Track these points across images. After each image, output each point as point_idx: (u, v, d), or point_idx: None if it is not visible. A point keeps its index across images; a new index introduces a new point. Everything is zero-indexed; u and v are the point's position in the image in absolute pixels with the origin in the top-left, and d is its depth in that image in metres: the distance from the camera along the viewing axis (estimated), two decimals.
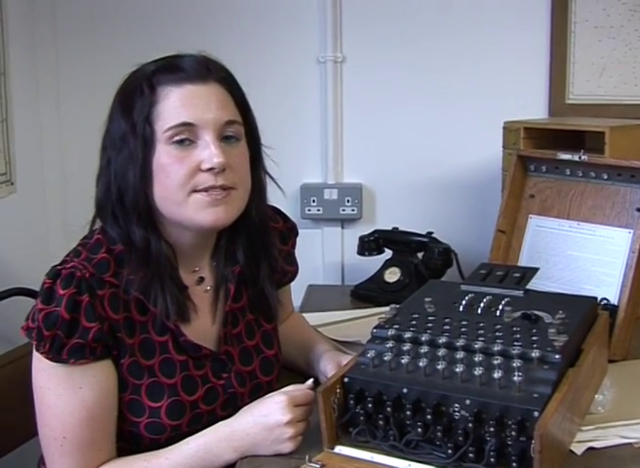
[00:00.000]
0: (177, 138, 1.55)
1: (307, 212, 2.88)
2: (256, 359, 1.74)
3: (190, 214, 1.57)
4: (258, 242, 1.72)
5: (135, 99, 1.57)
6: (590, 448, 1.50)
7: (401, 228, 2.61)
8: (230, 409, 1.65)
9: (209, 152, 1.56)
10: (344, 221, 2.92)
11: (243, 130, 1.64)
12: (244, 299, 1.74)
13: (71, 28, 2.85)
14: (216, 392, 1.65)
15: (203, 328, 1.67)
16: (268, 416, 1.51)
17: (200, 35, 2.81)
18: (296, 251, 1.94)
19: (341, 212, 2.87)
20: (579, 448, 1.49)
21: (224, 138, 1.59)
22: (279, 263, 1.80)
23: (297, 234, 1.94)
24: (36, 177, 2.79)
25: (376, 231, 2.64)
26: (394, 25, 2.79)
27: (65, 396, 1.52)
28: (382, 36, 2.80)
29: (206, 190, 1.57)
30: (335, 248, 2.89)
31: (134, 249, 1.58)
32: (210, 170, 1.56)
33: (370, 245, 2.62)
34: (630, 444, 1.52)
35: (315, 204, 2.87)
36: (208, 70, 1.60)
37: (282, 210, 1.93)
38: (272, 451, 1.51)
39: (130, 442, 1.60)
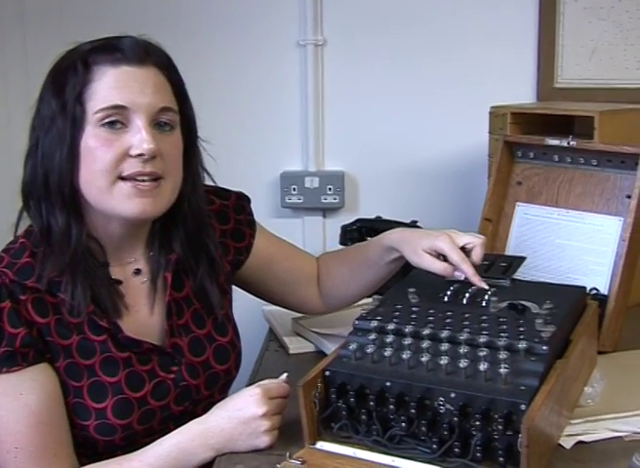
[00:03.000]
0: (107, 121, 1.54)
1: (288, 201, 2.88)
2: (208, 348, 1.72)
3: (115, 204, 1.56)
4: (194, 236, 1.71)
5: (67, 78, 1.55)
6: (580, 442, 1.51)
7: (384, 217, 2.61)
8: (187, 402, 1.66)
9: (139, 137, 1.54)
10: (326, 210, 2.92)
11: (178, 118, 1.63)
12: (186, 288, 1.73)
13: (40, 25, 2.82)
14: (165, 386, 1.64)
15: (143, 322, 1.66)
16: (243, 410, 1.51)
17: (174, 20, 2.81)
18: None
19: (323, 200, 2.88)
20: (567, 442, 1.50)
21: (157, 125, 1.58)
22: (223, 251, 1.80)
23: (244, 200, 1.90)
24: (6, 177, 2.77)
25: (358, 220, 2.63)
26: (377, 7, 2.79)
27: (7, 404, 1.52)
28: (365, 18, 2.80)
29: (133, 178, 1.55)
30: (316, 238, 2.90)
31: (53, 239, 1.56)
32: (139, 156, 1.54)
33: (352, 234, 2.61)
34: (621, 437, 1.53)
35: (295, 192, 2.87)
36: (147, 53, 1.59)
37: (224, 187, 1.88)
38: (249, 447, 1.51)
39: (86, 446, 1.59)
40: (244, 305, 1.95)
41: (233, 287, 1.88)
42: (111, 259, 1.65)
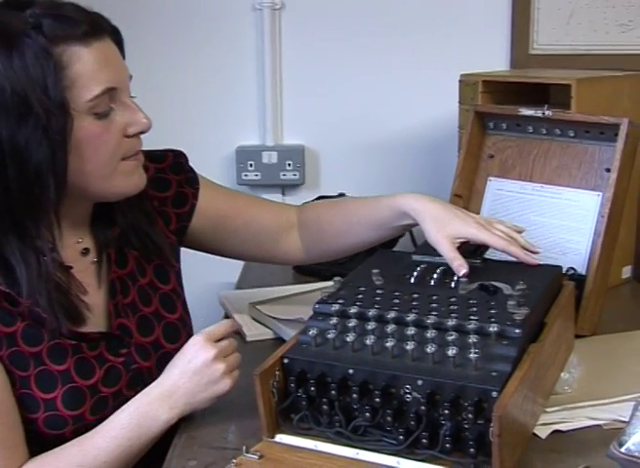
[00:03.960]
0: (101, 110, 1.53)
1: (244, 177, 2.88)
2: (157, 326, 1.73)
3: (119, 183, 1.60)
4: (135, 205, 1.72)
5: (26, 55, 1.45)
6: (556, 432, 1.53)
7: (348, 194, 2.62)
8: (139, 386, 1.64)
9: (133, 115, 1.58)
10: (285, 187, 2.93)
11: None
12: (130, 263, 1.73)
13: None
14: (116, 371, 1.64)
15: (90, 304, 1.64)
16: (193, 360, 1.53)
17: None
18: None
19: (282, 177, 2.88)
20: (543, 432, 1.52)
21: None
22: (164, 221, 1.82)
23: (181, 157, 1.90)
24: None
25: (320, 198, 2.64)
26: None
27: None
28: None
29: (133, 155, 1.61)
30: None
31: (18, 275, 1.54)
32: (139, 133, 1.60)
33: None
34: (600, 426, 1.55)
35: (253, 168, 2.87)
36: (100, 21, 1.56)
37: (158, 149, 1.87)
38: (211, 395, 1.54)
39: (33, 443, 1.57)
40: (198, 290, 1.95)
41: (194, 252, 1.91)
42: (62, 240, 1.61)
